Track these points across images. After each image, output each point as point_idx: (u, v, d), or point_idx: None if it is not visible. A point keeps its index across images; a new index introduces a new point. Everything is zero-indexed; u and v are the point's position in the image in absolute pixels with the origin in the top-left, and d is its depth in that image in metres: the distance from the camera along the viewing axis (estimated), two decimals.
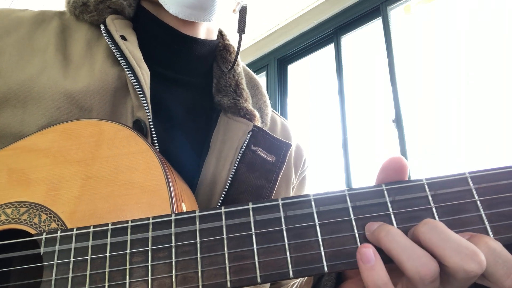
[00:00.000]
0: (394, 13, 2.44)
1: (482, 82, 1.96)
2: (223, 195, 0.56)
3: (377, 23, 2.50)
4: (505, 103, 1.83)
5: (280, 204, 0.37)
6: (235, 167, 0.58)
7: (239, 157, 0.58)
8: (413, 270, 0.32)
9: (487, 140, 1.86)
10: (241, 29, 0.64)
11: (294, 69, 3.13)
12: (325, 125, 2.74)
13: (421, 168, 2.06)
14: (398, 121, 2.16)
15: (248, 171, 0.58)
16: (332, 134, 2.60)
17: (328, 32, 2.79)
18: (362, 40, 2.67)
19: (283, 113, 3.01)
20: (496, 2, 2.02)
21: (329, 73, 2.76)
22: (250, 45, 3.27)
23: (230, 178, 0.57)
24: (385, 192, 0.37)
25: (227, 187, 0.57)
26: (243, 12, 0.63)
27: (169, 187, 0.43)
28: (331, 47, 2.80)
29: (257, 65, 3.23)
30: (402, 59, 2.29)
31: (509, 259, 0.32)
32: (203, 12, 0.58)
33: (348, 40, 2.73)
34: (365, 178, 2.32)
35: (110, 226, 0.38)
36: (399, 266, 0.33)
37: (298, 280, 0.66)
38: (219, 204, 0.56)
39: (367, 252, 0.34)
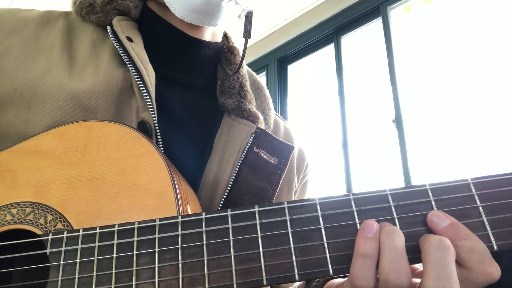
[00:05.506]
0: (394, 13, 2.44)
1: (482, 82, 1.96)
2: (224, 197, 0.56)
3: (377, 23, 2.50)
4: (505, 103, 1.84)
5: (286, 207, 0.37)
6: (237, 169, 0.57)
7: (242, 158, 0.58)
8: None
9: (487, 140, 1.87)
10: (247, 34, 0.64)
11: (294, 69, 3.13)
12: (325, 125, 2.74)
13: (421, 169, 2.06)
14: (398, 121, 2.16)
15: (250, 173, 0.58)
16: (332, 134, 2.60)
17: (328, 32, 2.79)
18: (362, 40, 2.66)
19: (283, 113, 3.01)
20: (496, 2, 2.02)
21: (329, 73, 2.76)
22: (250, 45, 3.24)
23: (232, 180, 0.57)
24: (389, 197, 0.37)
25: (228, 188, 0.57)
26: (248, 17, 0.63)
27: (175, 190, 0.43)
28: (331, 47, 2.79)
29: (257, 65, 3.22)
30: (402, 59, 2.29)
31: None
32: (209, 17, 0.58)
33: (348, 40, 2.73)
34: (365, 178, 2.32)
35: (116, 228, 0.38)
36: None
37: None
38: (220, 205, 0.56)
39: (372, 224, 0.35)
